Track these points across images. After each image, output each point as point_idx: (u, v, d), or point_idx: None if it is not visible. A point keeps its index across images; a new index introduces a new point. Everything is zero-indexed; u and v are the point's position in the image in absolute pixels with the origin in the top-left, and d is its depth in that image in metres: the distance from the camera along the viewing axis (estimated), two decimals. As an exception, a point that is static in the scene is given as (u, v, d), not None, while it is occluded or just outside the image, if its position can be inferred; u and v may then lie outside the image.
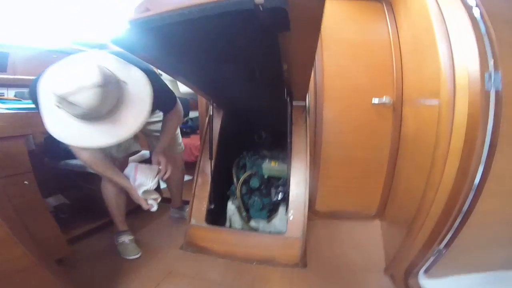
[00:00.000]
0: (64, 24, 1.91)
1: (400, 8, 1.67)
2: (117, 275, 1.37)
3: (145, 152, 1.88)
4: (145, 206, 1.37)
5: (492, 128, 0.89)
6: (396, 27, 1.72)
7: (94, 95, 0.86)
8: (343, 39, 1.78)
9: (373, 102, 1.69)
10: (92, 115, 0.93)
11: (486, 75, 0.91)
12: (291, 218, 1.49)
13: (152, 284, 1.31)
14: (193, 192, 1.67)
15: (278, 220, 1.61)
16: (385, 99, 1.67)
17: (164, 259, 1.51)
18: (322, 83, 1.76)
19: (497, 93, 0.89)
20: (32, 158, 1.26)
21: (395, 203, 1.63)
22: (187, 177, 2.06)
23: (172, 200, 1.98)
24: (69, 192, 1.90)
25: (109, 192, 1.50)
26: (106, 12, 1.85)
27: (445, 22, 1.09)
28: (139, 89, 1.01)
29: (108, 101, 0.92)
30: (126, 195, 1.46)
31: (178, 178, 1.85)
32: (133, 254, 1.52)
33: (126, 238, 1.56)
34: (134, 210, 1.77)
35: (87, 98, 0.86)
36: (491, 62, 0.92)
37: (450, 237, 1.08)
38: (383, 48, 1.73)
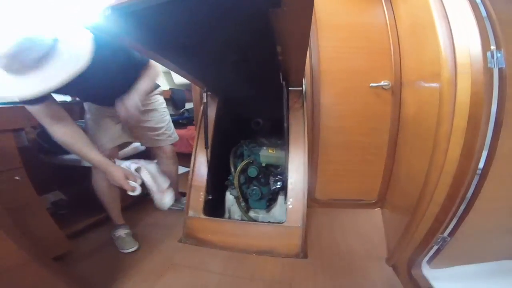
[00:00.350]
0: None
1: None
2: (119, 269, 1.36)
3: (137, 145, 1.85)
4: (128, 188, 1.27)
5: (497, 106, 0.86)
6: (393, 9, 1.68)
7: (10, 40, 0.83)
8: (339, 22, 1.74)
9: (371, 85, 1.66)
10: (15, 66, 0.88)
11: (489, 53, 0.88)
12: (290, 207, 1.46)
13: (155, 277, 1.30)
14: (189, 183, 1.64)
15: (277, 209, 1.59)
16: (383, 82, 1.64)
17: (164, 252, 1.49)
18: (319, 67, 1.72)
19: (500, 70, 0.86)
20: (25, 154, 1.24)
21: (397, 189, 1.60)
22: (184, 169, 2.04)
23: None
24: (66, 188, 1.88)
25: (100, 187, 1.46)
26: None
27: (442, 2, 1.05)
28: (76, 45, 0.96)
29: (30, 51, 0.88)
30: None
31: (171, 170, 1.81)
32: (130, 247, 1.50)
33: (122, 232, 1.55)
34: (130, 205, 1.75)
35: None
36: (492, 41, 0.89)
37: (455, 224, 1.06)
38: (380, 30, 1.69)
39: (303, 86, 1.65)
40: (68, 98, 1.98)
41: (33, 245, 0.97)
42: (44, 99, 1.06)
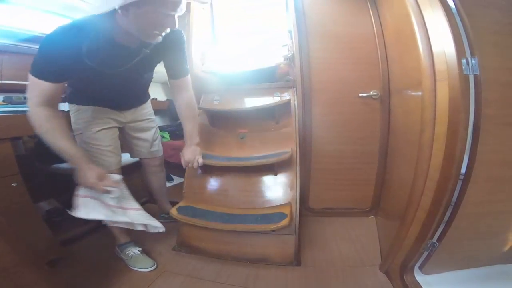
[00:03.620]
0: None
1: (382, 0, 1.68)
2: (110, 276, 1.36)
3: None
4: (101, 191, 1.16)
5: (475, 112, 0.89)
6: (380, 19, 1.73)
7: None
8: (329, 32, 1.79)
9: (360, 95, 1.69)
10: None
11: (464, 60, 0.91)
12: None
13: (145, 284, 1.30)
14: (183, 191, 1.66)
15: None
16: (372, 92, 1.68)
17: (157, 259, 1.49)
18: (310, 77, 1.76)
19: (476, 77, 0.90)
20: (22, 163, 1.26)
21: (389, 196, 1.62)
22: (180, 179, 2.05)
23: (161, 207, 1.86)
24: (61, 196, 1.90)
25: None
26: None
27: (421, 10, 1.09)
28: None
29: None
30: None
31: (163, 184, 1.79)
32: (150, 266, 1.43)
33: (135, 250, 1.48)
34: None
35: None
36: (467, 48, 0.93)
37: (443, 229, 1.07)
38: (368, 40, 1.73)
39: (294, 96, 1.69)
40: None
41: (26, 249, 0.99)
42: (64, 79, 1.08)
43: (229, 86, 1.89)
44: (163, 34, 1.06)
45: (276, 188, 1.57)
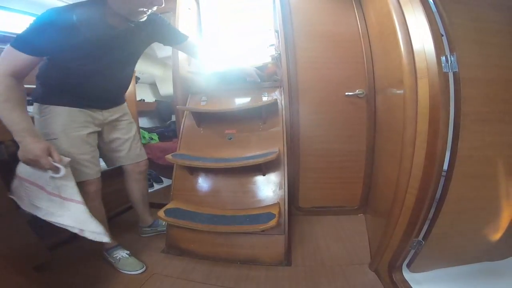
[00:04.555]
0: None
1: None
2: (99, 279, 1.35)
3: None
4: (48, 167, 1.04)
5: (455, 109, 0.89)
6: (364, 18, 1.74)
7: None
8: (315, 32, 1.80)
9: (346, 94, 1.70)
10: None
11: (443, 58, 0.91)
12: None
13: (135, 286, 1.29)
14: (171, 194, 1.64)
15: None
16: (358, 91, 1.69)
17: (145, 262, 1.47)
18: (296, 76, 1.76)
19: (455, 74, 0.90)
20: (4, 167, 1.24)
21: (376, 194, 1.62)
22: (169, 181, 2.04)
23: (142, 219, 1.74)
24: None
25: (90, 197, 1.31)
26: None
27: (402, 9, 1.10)
28: None
29: None
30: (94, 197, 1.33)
31: (145, 193, 1.70)
32: (139, 268, 1.41)
33: (123, 253, 1.45)
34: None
35: None
36: (446, 46, 0.93)
37: (428, 227, 1.08)
38: (353, 39, 1.75)
39: (282, 96, 1.69)
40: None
41: (11, 253, 0.97)
42: (43, 53, 1.10)
43: (216, 86, 1.88)
44: (149, 12, 1.14)
45: (264, 188, 1.57)
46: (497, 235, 1.09)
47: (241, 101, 1.79)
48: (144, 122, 2.94)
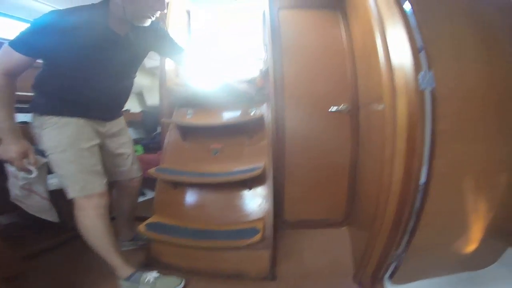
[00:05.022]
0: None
1: (352, 15, 1.73)
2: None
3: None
4: (21, 168, 1.13)
5: (431, 127, 0.92)
6: (350, 33, 1.78)
7: None
8: (302, 47, 1.83)
9: (331, 109, 1.72)
10: None
11: (421, 74, 0.94)
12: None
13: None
14: (154, 207, 1.62)
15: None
16: (342, 106, 1.71)
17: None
18: (283, 91, 1.78)
19: (432, 92, 0.93)
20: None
21: (359, 208, 1.64)
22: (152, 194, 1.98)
23: (124, 232, 1.66)
24: (22, 210, 1.79)
25: (92, 223, 1.21)
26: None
27: (383, 25, 1.13)
28: None
29: None
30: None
31: (135, 207, 1.66)
32: (180, 281, 1.34)
33: (152, 274, 1.32)
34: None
35: None
36: (425, 62, 0.96)
37: (407, 241, 1.10)
38: (339, 54, 1.78)
39: (268, 110, 1.72)
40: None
41: None
42: (40, 55, 1.10)
43: (203, 100, 1.88)
44: (153, 18, 1.17)
45: (250, 203, 1.56)
46: (475, 245, 1.12)
47: (228, 116, 1.80)
48: (129, 133, 2.88)
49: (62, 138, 1.17)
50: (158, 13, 1.17)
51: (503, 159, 1.00)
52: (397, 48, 1.03)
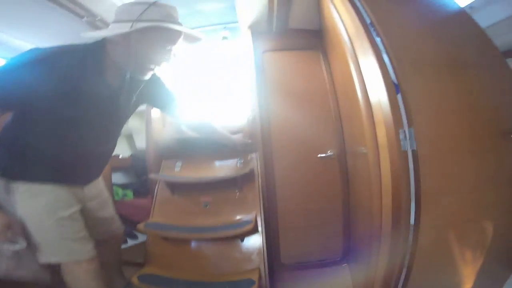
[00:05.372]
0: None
1: (331, 55, 1.75)
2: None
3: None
4: (5, 240, 0.98)
5: (415, 186, 0.94)
6: (331, 74, 1.80)
7: None
8: (286, 91, 1.84)
9: (319, 156, 1.71)
10: None
11: (401, 132, 0.94)
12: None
13: None
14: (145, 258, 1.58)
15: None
16: (329, 152, 1.71)
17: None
18: (270, 138, 1.78)
19: (413, 152, 0.95)
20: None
21: (356, 246, 1.63)
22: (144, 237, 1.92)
23: (116, 281, 1.50)
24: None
25: (81, 276, 1.09)
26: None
27: (361, 70, 1.13)
28: None
29: None
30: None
31: (119, 258, 1.53)
32: None
33: None
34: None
35: None
36: (404, 118, 0.97)
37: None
38: (322, 97, 1.79)
39: (257, 161, 1.72)
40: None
41: None
42: (10, 108, 0.93)
43: (190, 152, 1.87)
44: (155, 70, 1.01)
45: (243, 253, 1.54)
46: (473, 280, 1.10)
47: (217, 166, 1.79)
48: (118, 177, 2.80)
49: (37, 207, 1.01)
50: (162, 66, 1.00)
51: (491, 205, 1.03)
52: (376, 97, 1.03)
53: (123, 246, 2.10)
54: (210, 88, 2.20)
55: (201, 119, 1.41)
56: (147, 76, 1.00)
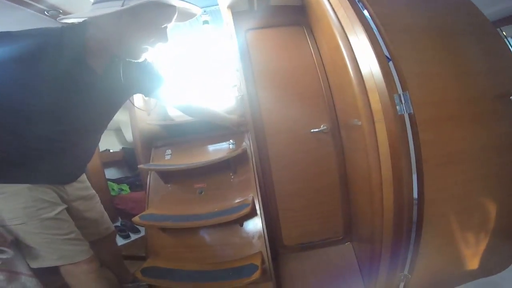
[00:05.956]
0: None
1: (317, 29, 1.69)
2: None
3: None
4: None
5: (415, 155, 0.88)
6: (318, 49, 1.74)
7: None
8: (273, 69, 1.78)
9: (311, 131, 1.68)
10: None
11: (396, 97, 0.90)
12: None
13: None
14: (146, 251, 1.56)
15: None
16: (322, 127, 1.67)
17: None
18: (261, 119, 1.73)
19: (410, 116, 0.89)
20: None
21: (358, 223, 1.61)
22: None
23: (121, 277, 1.49)
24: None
25: (81, 277, 1.06)
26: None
27: (349, 41, 1.08)
28: None
29: None
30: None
31: (119, 255, 1.51)
32: None
33: None
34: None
35: None
36: (398, 83, 0.92)
37: (411, 261, 1.06)
38: (311, 72, 1.74)
39: (249, 141, 1.66)
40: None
41: None
42: None
43: (180, 137, 1.81)
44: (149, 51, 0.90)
45: (244, 238, 1.50)
46: (484, 252, 1.08)
47: (209, 150, 1.73)
48: (111, 173, 2.76)
49: (17, 209, 0.93)
50: (157, 46, 0.90)
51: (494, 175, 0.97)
52: (368, 68, 0.98)
53: (126, 241, 2.17)
54: (196, 73, 2.12)
55: (191, 101, 1.35)
56: (141, 59, 0.90)
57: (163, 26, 0.86)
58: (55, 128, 0.91)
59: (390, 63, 0.95)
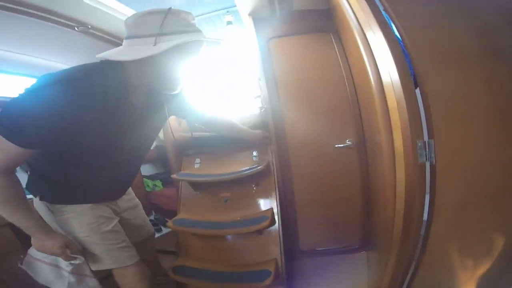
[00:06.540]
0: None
1: (344, 37, 1.58)
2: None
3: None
4: (67, 259, 1.09)
5: (430, 199, 0.89)
6: (347, 58, 1.64)
7: None
8: (297, 79, 1.73)
9: (336, 146, 1.65)
10: None
11: (419, 143, 0.84)
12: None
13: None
14: (176, 251, 1.75)
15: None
16: (348, 142, 1.63)
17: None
18: (284, 131, 1.73)
19: (432, 167, 0.85)
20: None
21: (376, 234, 1.61)
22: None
23: (154, 272, 1.58)
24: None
25: (129, 278, 1.23)
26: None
27: (371, 50, 1.02)
28: None
29: None
30: None
31: (155, 253, 1.70)
32: None
33: None
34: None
35: None
36: (425, 127, 0.86)
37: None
38: (337, 83, 1.66)
39: (271, 154, 1.72)
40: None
41: None
42: (37, 146, 0.88)
43: (208, 147, 1.92)
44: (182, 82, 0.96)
45: (261, 245, 1.64)
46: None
47: (233, 162, 1.83)
48: (146, 169, 2.98)
49: (83, 225, 1.13)
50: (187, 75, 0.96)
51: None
52: (393, 105, 0.90)
53: (158, 234, 2.37)
54: (220, 81, 2.13)
55: (217, 116, 1.45)
56: (178, 91, 0.97)
57: (192, 58, 0.92)
58: (105, 162, 1.05)
59: (417, 91, 0.86)
